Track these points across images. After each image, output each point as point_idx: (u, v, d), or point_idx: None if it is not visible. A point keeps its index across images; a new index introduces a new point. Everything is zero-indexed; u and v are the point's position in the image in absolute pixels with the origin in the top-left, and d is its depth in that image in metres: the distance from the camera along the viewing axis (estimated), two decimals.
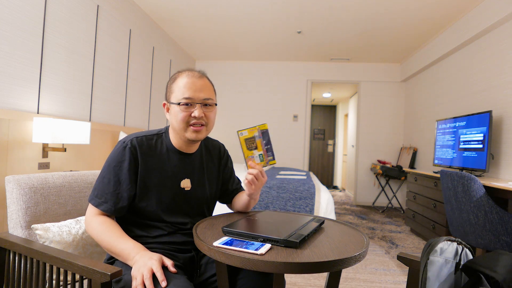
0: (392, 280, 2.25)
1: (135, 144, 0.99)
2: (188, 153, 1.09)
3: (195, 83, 1.00)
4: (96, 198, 0.97)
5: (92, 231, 0.95)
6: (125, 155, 0.97)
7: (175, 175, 1.05)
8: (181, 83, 1.01)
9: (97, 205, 0.96)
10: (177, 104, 0.99)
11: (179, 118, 0.99)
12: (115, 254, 0.92)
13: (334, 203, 2.70)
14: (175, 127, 1.02)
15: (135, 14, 3.41)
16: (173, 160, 1.06)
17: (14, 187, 1.08)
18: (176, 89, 1.01)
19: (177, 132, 1.03)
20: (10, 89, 1.93)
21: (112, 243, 0.91)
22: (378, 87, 5.37)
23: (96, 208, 0.97)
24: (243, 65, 5.54)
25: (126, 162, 0.97)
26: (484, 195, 1.93)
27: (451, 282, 0.86)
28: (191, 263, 1.07)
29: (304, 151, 5.46)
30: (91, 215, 0.97)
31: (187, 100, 0.99)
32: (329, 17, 3.58)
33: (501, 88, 2.80)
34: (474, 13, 3.13)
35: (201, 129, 1.01)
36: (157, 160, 1.02)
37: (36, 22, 2.10)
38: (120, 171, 0.97)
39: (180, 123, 1.00)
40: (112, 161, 0.98)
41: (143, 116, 3.72)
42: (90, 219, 0.97)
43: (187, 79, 1.01)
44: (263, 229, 0.92)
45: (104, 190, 0.96)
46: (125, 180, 0.97)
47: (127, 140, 1.00)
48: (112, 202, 0.96)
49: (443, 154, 3.39)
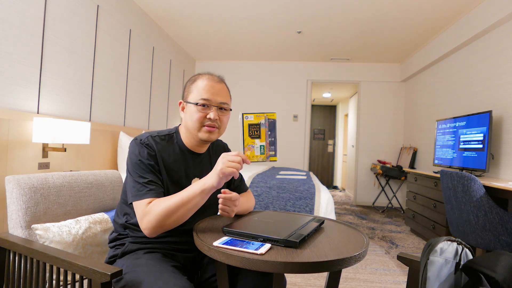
0: (392, 280, 2.25)
1: (151, 141, 1.02)
2: (198, 153, 1.11)
3: (214, 87, 1.03)
4: (139, 192, 0.93)
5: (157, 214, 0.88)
6: (144, 150, 0.99)
7: (187, 174, 1.07)
8: (201, 84, 1.03)
9: (143, 196, 0.92)
10: (195, 104, 1.02)
11: (194, 118, 1.02)
12: (193, 200, 0.90)
13: (334, 203, 2.70)
14: (189, 126, 1.04)
15: (135, 14, 3.41)
16: (184, 159, 1.08)
17: (14, 187, 1.08)
18: (195, 90, 1.03)
19: (190, 132, 1.05)
20: (10, 89, 1.93)
21: (182, 197, 0.90)
22: (378, 87, 5.37)
23: (144, 200, 0.92)
24: (243, 65, 5.54)
25: (147, 156, 0.98)
26: (484, 195, 1.93)
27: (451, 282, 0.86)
28: (192, 264, 1.07)
29: (304, 151, 5.46)
30: (144, 212, 0.90)
31: (205, 101, 1.01)
32: (329, 17, 3.58)
33: (501, 88, 2.80)
34: (474, 13, 3.13)
35: (214, 130, 1.04)
36: (171, 158, 1.04)
37: (36, 22, 2.10)
38: (144, 163, 0.97)
39: (195, 122, 1.02)
40: (134, 157, 0.98)
41: (143, 116, 3.72)
42: (146, 211, 0.90)
43: (207, 82, 1.04)
44: (263, 229, 0.92)
45: (142, 182, 0.95)
46: (153, 169, 0.98)
47: (143, 138, 1.01)
48: (154, 187, 0.95)
49: (443, 154, 3.39)
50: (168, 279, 0.85)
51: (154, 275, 0.87)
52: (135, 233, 1.02)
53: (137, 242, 1.02)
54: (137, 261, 0.95)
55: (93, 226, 1.19)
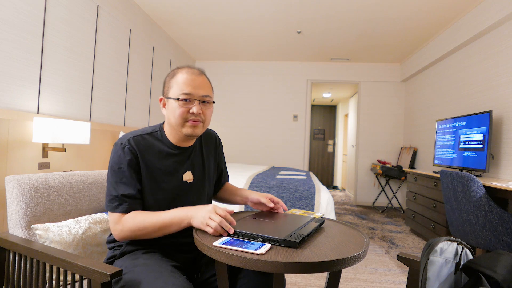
0: (392, 280, 2.25)
1: (132, 143, 0.99)
2: (186, 147, 1.09)
3: (194, 80, 1.01)
4: (110, 204, 0.96)
5: (128, 229, 0.93)
6: (125, 155, 0.97)
7: (177, 170, 1.05)
8: (181, 79, 1.00)
9: (113, 209, 0.95)
10: (176, 99, 0.99)
11: (177, 114, 0.99)
12: (168, 228, 0.92)
13: (334, 203, 2.70)
14: (172, 123, 1.02)
15: (135, 14, 3.41)
16: (172, 155, 1.05)
17: (14, 187, 1.08)
18: (175, 84, 1.00)
19: (174, 128, 1.03)
20: (10, 89, 1.93)
21: (157, 220, 0.92)
22: (378, 87, 5.37)
23: (114, 213, 0.96)
24: (243, 65, 5.54)
25: (127, 162, 0.96)
26: (484, 195, 1.93)
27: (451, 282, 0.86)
28: (192, 264, 1.07)
29: (304, 151, 5.46)
30: (115, 221, 0.95)
31: (186, 96, 0.99)
32: (329, 17, 3.58)
33: (501, 88, 2.80)
34: (474, 13, 3.13)
35: (198, 124, 1.02)
36: (157, 156, 1.02)
37: (36, 22, 2.10)
38: (123, 172, 0.96)
39: (178, 118, 0.99)
40: (115, 164, 0.97)
41: (143, 116, 3.72)
42: (118, 224, 0.94)
43: (187, 75, 1.01)
44: (263, 228, 0.92)
45: (114, 194, 0.96)
46: (131, 178, 0.97)
47: (124, 141, 0.99)
48: (126, 203, 0.96)
49: (443, 154, 3.39)
50: (167, 279, 0.84)
51: (153, 274, 0.87)
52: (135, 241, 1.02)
53: (135, 244, 1.02)
54: (135, 261, 0.94)
55: (93, 226, 1.19)
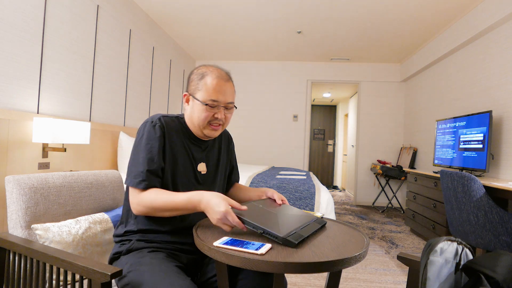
0: (392, 280, 2.25)
1: (163, 122, 1.03)
2: (203, 140, 1.13)
3: (222, 86, 1.03)
4: (134, 179, 0.97)
5: (144, 204, 0.94)
6: (156, 132, 1.00)
7: (194, 158, 1.09)
8: (210, 83, 1.02)
9: (137, 184, 0.96)
10: (203, 104, 1.02)
11: (202, 117, 1.03)
12: (180, 210, 0.94)
13: (334, 203, 2.70)
14: (195, 122, 1.06)
15: (135, 14, 3.41)
16: (191, 143, 1.10)
17: (14, 187, 1.08)
18: (204, 87, 1.02)
19: (195, 126, 1.07)
20: (10, 89, 1.93)
21: (172, 201, 0.93)
22: (378, 87, 5.37)
23: (136, 188, 0.97)
24: (243, 65, 5.54)
25: (157, 139, 1.00)
26: (484, 195, 1.93)
27: (451, 282, 0.86)
28: (195, 264, 1.07)
29: (304, 151, 5.46)
30: (135, 195, 0.97)
31: (214, 103, 1.02)
32: (329, 17, 3.58)
33: (501, 88, 2.80)
34: (474, 13, 3.13)
35: (219, 128, 1.07)
36: (180, 141, 1.06)
37: (36, 22, 2.10)
38: (152, 148, 0.99)
39: (202, 121, 1.04)
40: (144, 140, 1.00)
41: (143, 116, 3.72)
42: (137, 199, 0.96)
43: (216, 81, 1.03)
44: (265, 220, 0.91)
45: (139, 169, 0.97)
46: (158, 155, 0.99)
47: (155, 119, 1.02)
48: (149, 179, 0.97)
49: (443, 154, 3.39)
50: (173, 280, 0.85)
51: (159, 275, 0.87)
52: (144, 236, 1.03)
53: (143, 240, 1.02)
54: (141, 259, 0.94)
55: (93, 226, 1.19)
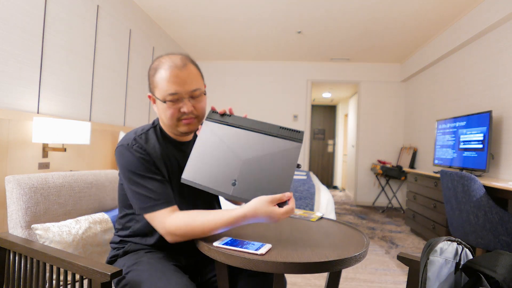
0: (392, 280, 2.25)
1: (139, 141, 0.95)
2: (185, 141, 1.05)
3: (178, 76, 0.90)
4: (144, 205, 0.89)
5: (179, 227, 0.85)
6: (135, 154, 0.92)
7: (179, 165, 1.00)
8: (164, 76, 0.91)
9: (151, 209, 0.88)
10: (163, 102, 0.92)
11: (168, 115, 0.93)
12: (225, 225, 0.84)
13: (334, 203, 2.70)
14: (165, 123, 0.97)
15: (135, 14, 3.41)
16: (173, 150, 1.01)
17: (14, 187, 1.08)
18: (159, 83, 0.92)
19: (167, 127, 0.99)
20: (10, 89, 1.93)
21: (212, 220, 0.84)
22: (378, 87, 5.37)
23: (159, 211, 0.88)
24: (243, 65, 5.54)
25: (139, 160, 0.91)
26: (484, 195, 1.93)
27: (451, 282, 0.86)
28: (195, 266, 1.06)
29: (304, 151, 5.46)
30: (162, 220, 0.87)
31: (173, 96, 0.91)
32: (329, 17, 3.58)
33: (501, 88, 2.80)
34: (473, 13, 3.13)
35: (192, 121, 0.96)
36: (161, 153, 0.97)
37: (36, 22, 2.10)
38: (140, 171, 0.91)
39: (170, 119, 0.94)
40: (128, 167, 0.92)
41: (143, 116, 3.72)
42: (166, 223, 0.86)
43: (170, 71, 0.90)
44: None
45: (146, 195, 0.89)
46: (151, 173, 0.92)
47: (129, 141, 0.94)
48: (161, 198, 0.89)
49: (443, 154, 3.39)
50: (170, 278, 0.84)
51: (156, 274, 0.87)
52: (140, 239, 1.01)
53: (140, 243, 1.01)
54: (138, 260, 0.94)
55: (93, 226, 1.19)
